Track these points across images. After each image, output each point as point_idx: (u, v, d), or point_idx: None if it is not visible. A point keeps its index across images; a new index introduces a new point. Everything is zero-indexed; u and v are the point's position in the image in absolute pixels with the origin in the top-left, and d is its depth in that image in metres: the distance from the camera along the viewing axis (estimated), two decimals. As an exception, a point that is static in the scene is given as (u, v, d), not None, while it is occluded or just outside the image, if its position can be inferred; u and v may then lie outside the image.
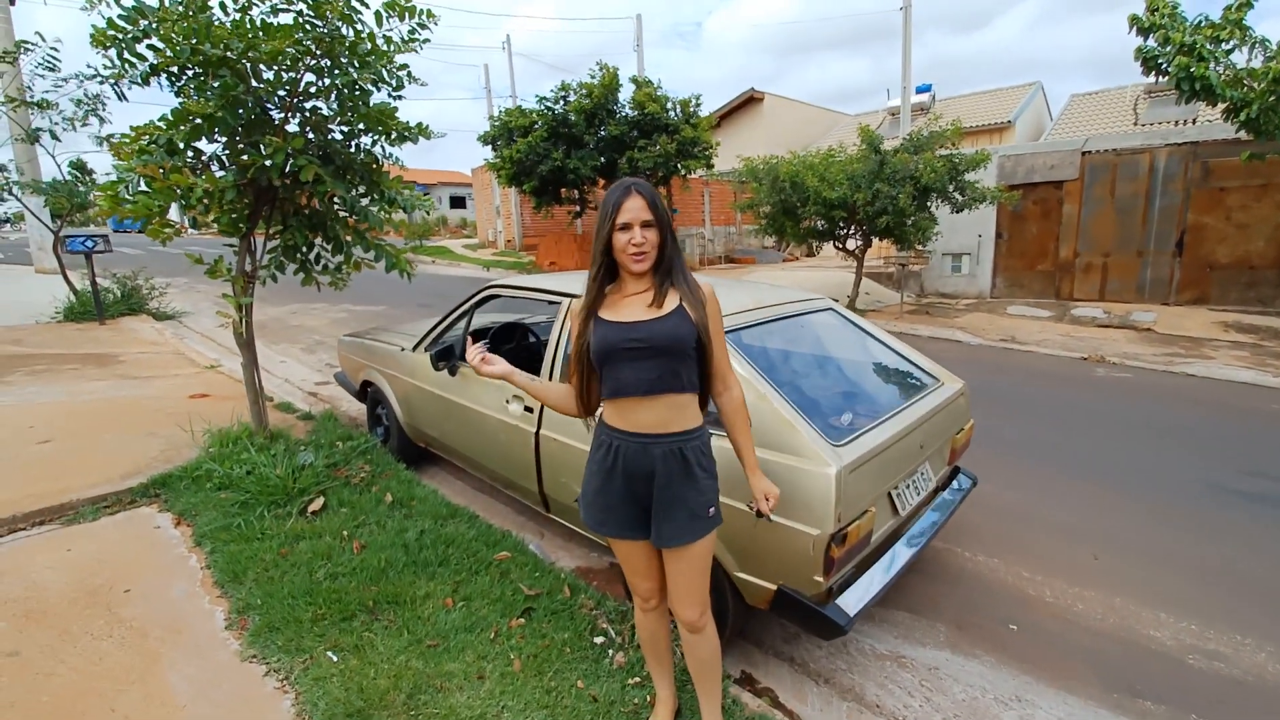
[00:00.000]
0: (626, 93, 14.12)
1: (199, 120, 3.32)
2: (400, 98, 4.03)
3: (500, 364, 1.77)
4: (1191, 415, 5.43)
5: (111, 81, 3.46)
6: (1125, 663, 2.41)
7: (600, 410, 1.76)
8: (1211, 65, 6.07)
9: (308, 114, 3.77)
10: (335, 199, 3.88)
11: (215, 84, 3.25)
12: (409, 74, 3.94)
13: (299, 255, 4.03)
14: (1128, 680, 2.32)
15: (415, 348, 3.73)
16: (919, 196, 8.72)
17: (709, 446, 1.73)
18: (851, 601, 2.08)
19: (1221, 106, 6.44)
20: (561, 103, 14.13)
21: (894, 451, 2.28)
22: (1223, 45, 6.20)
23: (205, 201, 3.51)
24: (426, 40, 3.94)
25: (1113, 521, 3.49)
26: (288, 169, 3.56)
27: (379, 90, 3.82)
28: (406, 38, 3.80)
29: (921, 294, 12.00)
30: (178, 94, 3.54)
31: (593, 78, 13.84)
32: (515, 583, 2.68)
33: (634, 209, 1.58)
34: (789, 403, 2.14)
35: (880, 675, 2.35)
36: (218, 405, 4.98)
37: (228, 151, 3.69)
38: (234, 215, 3.78)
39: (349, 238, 3.93)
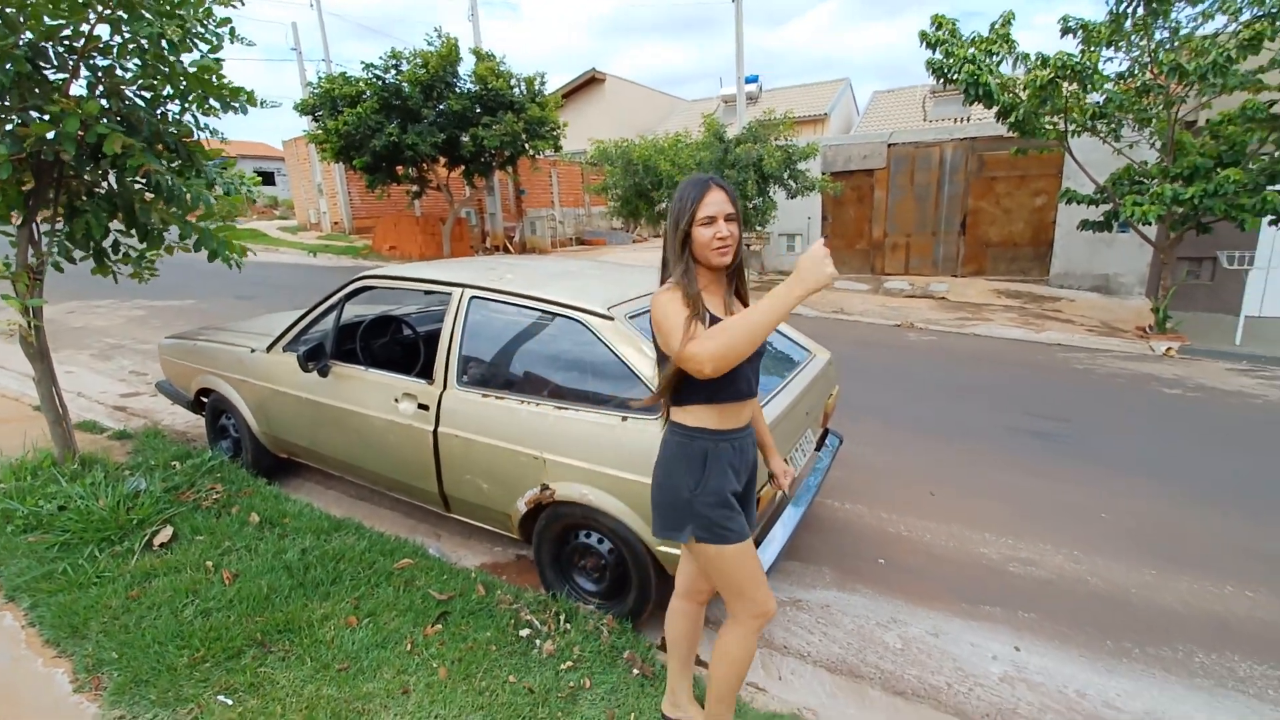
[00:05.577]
0: (466, 66, 13.42)
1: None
2: (220, 59, 3.50)
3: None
4: (983, 369, 6.55)
5: None
6: (967, 577, 2.91)
7: (678, 413, 1.66)
8: (991, 75, 7.22)
9: (98, 75, 3.15)
10: (142, 177, 3.30)
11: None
12: (232, 30, 3.45)
13: (92, 243, 3.38)
14: (971, 591, 2.80)
15: (271, 348, 3.33)
16: (761, 183, 9.41)
17: None
18: (764, 559, 2.27)
19: (995, 109, 7.69)
20: (393, 72, 13.06)
21: (790, 420, 2.51)
22: (994, 57, 7.39)
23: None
24: (251, -8, 3.47)
25: (939, 464, 4.13)
26: (82, 140, 2.97)
27: (193, 48, 3.29)
28: None
29: (763, 271, 12.98)
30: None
31: (430, 45, 12.94)
32: (423, 589, 2.55)
33: (718, 202, 1.55)
34: (700, 382, 2.26)
35: (784, 620, 2.60)
36: (-7, 430, 4.05)
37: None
38: (8, 197, 3.07)
39: (159, 222, 3.34)
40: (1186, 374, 6.30)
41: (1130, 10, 7.17)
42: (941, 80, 7.82)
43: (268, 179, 35.56)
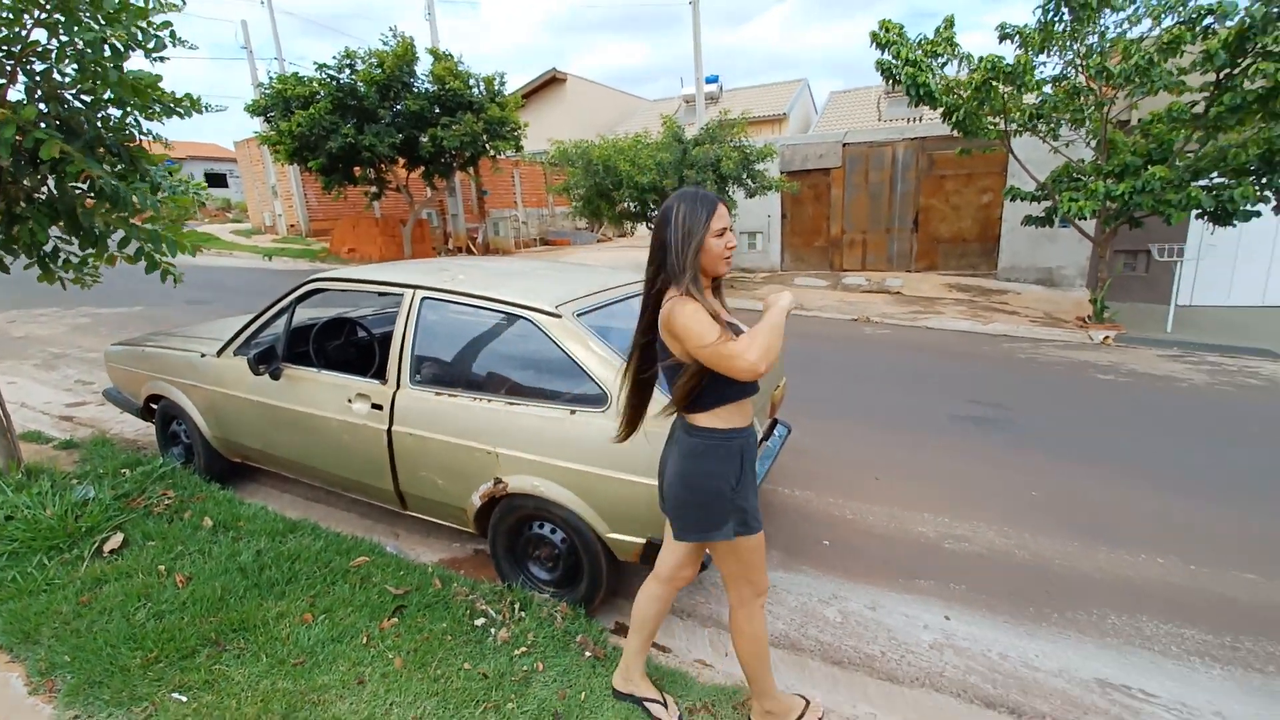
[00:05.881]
0: (424, 65, 13.28)
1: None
2: (162, 59, 3.47)
3: None
4: (933, 361, 6.81)
5: None
6: (905, 554, 3.08)
7: (703, 419, 1.74)
8: (931, 76, 7.50)
9: (36, 79, 3.10)
10: (84, 181, 3.24)
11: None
12: (173, 34, 3.41)
13: (34, 249, 3.32)
14: (909, 567, 2.97)
15: (221, 352, 3.32)
16: (719, 183, 9.57)
17: None
18: (708, 542, 2.39)
19: (940, 110, 7.98)
20: (348, 72, 12.85)
21: (731, 409, 2.63)
22: (939, 59, 7.69)
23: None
24: (191, -7, 3.44)
25: (886, 452, 4.32)
26: (20, 146, 2.92)
27: (133, 53, 3.25)
28: None
29: (724, 269, 13.18)
30: None
31: (385, 44, 12.78)
32: (379, 585, 2.59)
33: (726, 215, 1.73)
34: (644, 375, 2.36)
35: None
36: (-71, 443, 3.92)
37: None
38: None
39: (103, 225, 3.29)
40: (1121, 360, 6.67)
41: (1058, 17, 7.54)
42: (890, 81, 8.10)
43: (220, 181, 34.35)
